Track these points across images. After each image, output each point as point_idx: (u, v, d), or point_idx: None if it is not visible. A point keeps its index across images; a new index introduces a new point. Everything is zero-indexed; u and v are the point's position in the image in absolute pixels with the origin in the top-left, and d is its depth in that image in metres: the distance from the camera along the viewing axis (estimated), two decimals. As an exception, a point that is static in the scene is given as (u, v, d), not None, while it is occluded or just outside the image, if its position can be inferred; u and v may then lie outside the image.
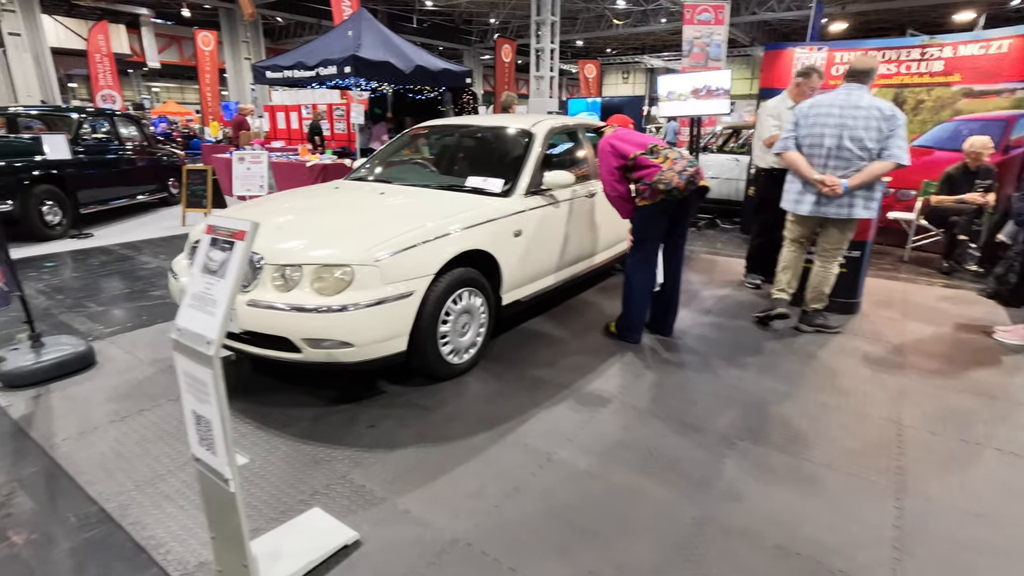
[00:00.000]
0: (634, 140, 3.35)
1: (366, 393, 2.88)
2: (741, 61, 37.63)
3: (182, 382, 1.50)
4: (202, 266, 1.47)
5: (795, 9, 23.13)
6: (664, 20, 27.44)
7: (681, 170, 3.16)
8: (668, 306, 3.61)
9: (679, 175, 3.13)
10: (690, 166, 3.20)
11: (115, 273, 5.08)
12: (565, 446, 2.41)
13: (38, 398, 2.81)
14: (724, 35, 12.52)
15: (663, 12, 26.60)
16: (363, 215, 2.92)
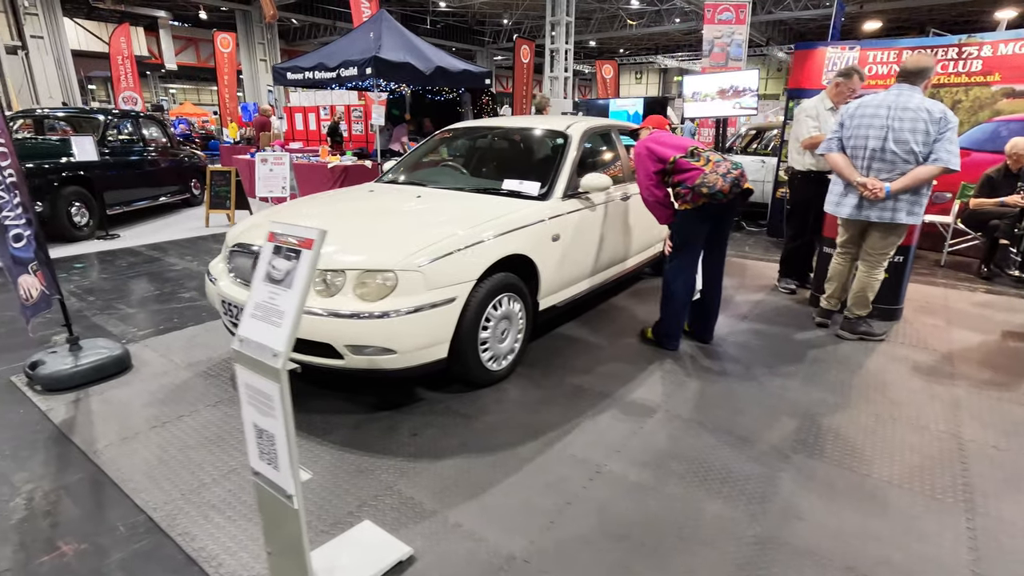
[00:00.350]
0: (672, 143, 3.27)
1: (405, 400, 2.83)
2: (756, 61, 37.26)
3: (243, 394, 1.46)
4: (265, 275, 1.42)
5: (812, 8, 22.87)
6: (678, 20, 27.27)
7: (725, 172, 3.06)
8: (708, 312, 3.53)
9: (723, 178, 3.04)
10: (734, 168, 3.10)
11: (143, 275, 5.09)
12: (613, 457, 2.35)
13: (77, 402, 2.80)
14: (745, 35, 12.37)
15: (677, 12, 26.45)
16: (402, 219, 2.88)
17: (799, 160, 4.35)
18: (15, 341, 3.55)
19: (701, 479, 2.20)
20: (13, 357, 3.32)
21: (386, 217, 2.92)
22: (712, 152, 3.19)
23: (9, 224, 2.55)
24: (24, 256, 2.62)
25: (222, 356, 3.34)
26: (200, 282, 4.85)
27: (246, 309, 1.45)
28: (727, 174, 3.06)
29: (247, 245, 2.76)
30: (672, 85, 44.14)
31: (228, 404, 2.78)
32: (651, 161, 3.25)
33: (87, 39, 25.77)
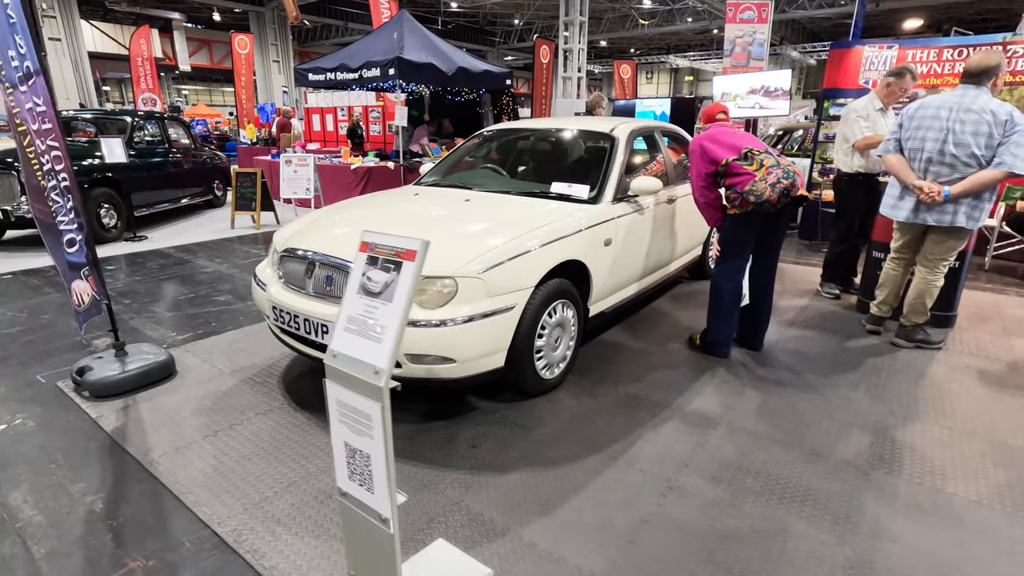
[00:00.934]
0: (727, 141, 3.14)
1: (458, 409, 2.77)
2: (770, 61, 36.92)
3: (334, 411, 1.40)
4: (360, 287, 1.36)
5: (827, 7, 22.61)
6: (690, 19, 27.11)
7: (775, 182, 2.95)
8: (757, 319, 3.43)
9: (772, 188, 2.95)
10: (785, 177, 2.97)
11: (175, 277, 5.06)
12: (683, 472, 2.26)
13: (127, 409, 2.75)
14: (767, 34, 12.21)
15: (689, 11, 26.28)
16: (456, 224, 2.81)
17: (847, 162, 4.25)
18: (56, 346, 3.52)
19: (779, 497, 2.12)
20: (56, 362, 3.28)
21: (438, 221, 2.85)
22: (768, 155, 3.07)
23: (64, 229, 2.51)
24: (77, 261, 2.58)
25: (266, 362, 3.29)
26: (234, 285, 4.81)
27: (338, 322, 1.39)
28: (776, 183, 2.95)
29: (297, 250, 2.70)
30: (683, 85, 43.94)
31: (279, 412, 2.72)
32: (704, 161, 3.16)
33: (103, 41, 26.00)
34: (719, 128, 3.27)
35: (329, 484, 2.18)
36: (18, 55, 2.20)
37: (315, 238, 2.75)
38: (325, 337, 2.50)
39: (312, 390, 2.94)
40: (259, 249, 6.21)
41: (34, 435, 2.54)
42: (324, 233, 2.80)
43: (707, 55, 36.65)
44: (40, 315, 4.07)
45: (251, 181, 7.16)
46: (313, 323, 2.52)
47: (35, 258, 5.68)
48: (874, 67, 6.07)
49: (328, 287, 2.55)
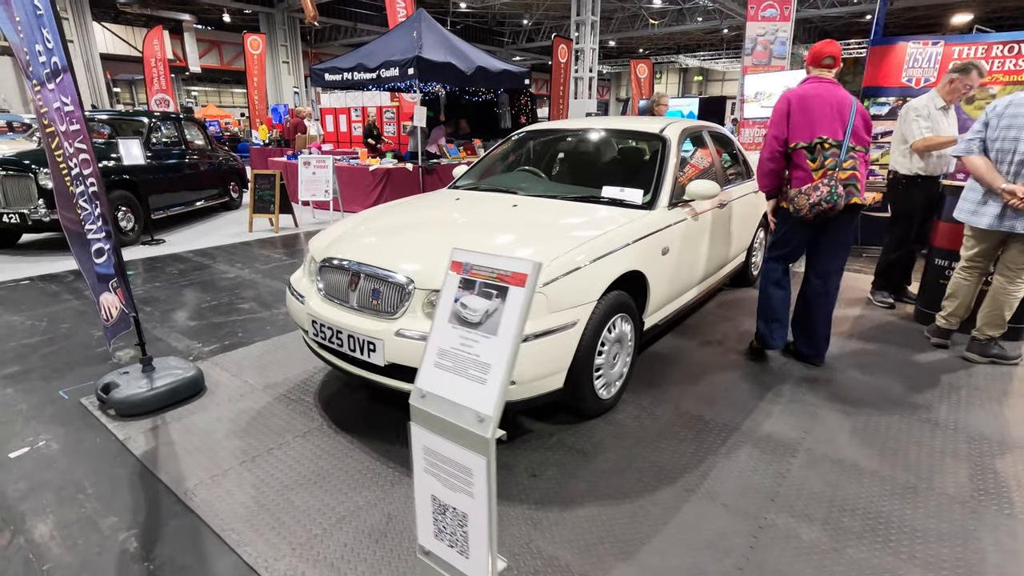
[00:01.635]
0: (812, 116, 2.89)
1: (511, 432, 2.56)
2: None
3: (420, 459, 1.20)
4: (452, 315, 1.16)
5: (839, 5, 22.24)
6: (700, 19, 26.85)
7: (816, 202, 2.85)
8: (812, 331, 3.20)
9: (810, 207, 2.87)
10: (827, 200, 2.83)
11: (196, 283, 4.89)
12: (770, 508, 2.05)
13: (156, 430, 2.57)
14: (789, 32, 11.95)
15: (700, 11, 26.01)
16: (509, 232, 2.60)
17: (904, 163, 4.02)
18: (77, 358, 3.35)
19: (883, 539, 1.90)
20: (78, 376, 3.11)
21: (489, 230, 2.65)
22: (833, 157, 2.86)
23: (92, 238, 2.33)
24: (105, 272, 2.40)
25: (300, 377, 3.10)
26: (257, 292, 4.63)
27: (426, 356, 1.19)
28: (816, 204, 2.86)
29: (339, 260, 2.51)
30: (692, 84, 43.57)
31: (318, 435, 2.53)
32: (783, 126, 2.98)
33: (114, 42, 26.03)
34: (817, 88, 2.95)
35: (382, 520, 1.99)
36: (45, 50, 2.03)
37: (358, 247, 2.55)
38: (372, 355, 2.31)
39: (352, 410, 2.75)
40: (280, 253, 6.04)
41: (59, 459, 2.36)
42: (367, 241, 2.61)
43: (717, 55, 36.31)
44: (59, 324, 3.90)
45: (270, 183, 7.00)
46: (357, 339, 2.33)
47: (52, 262, 5.53)
48: (918, 64, 5.83)
49: (374, 300, 2.35)
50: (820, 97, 2.93)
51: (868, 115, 3.00)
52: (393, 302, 2.31)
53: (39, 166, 5.52)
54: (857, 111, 2.93)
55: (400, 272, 2.30)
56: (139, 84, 29.91)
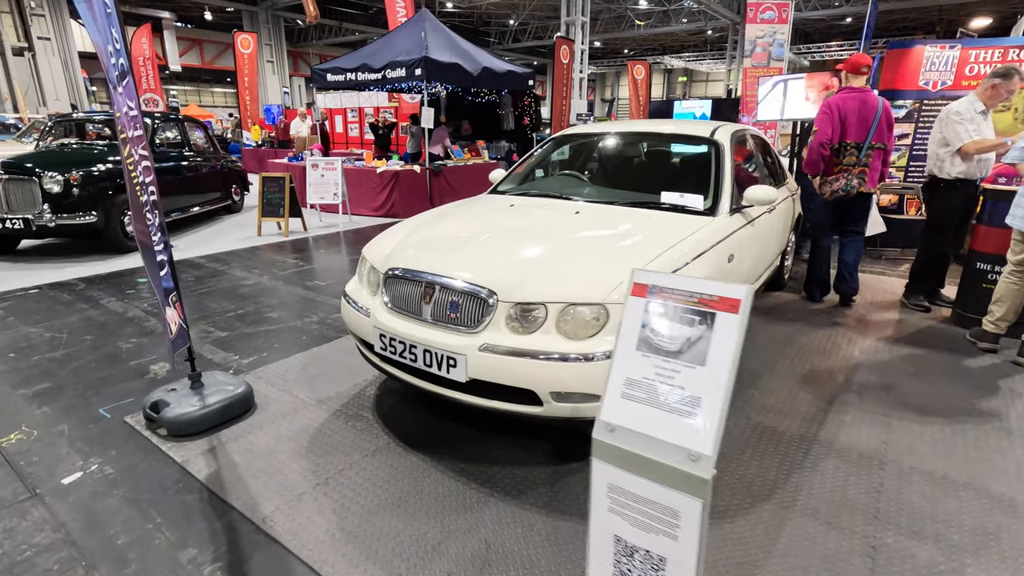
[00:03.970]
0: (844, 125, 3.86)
1: (582, 445, 2.48)
2: (757, 61, 36.99)
3: (601, 496, 1.11)
4: (640, 341, 1.08)
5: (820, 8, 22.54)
6: (685, 20, 27.10)
7: (836, 189, 3.95)
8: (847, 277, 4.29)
9: (831, 193, 3.99)
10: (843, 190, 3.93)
11: (216, 291, 4.72)
12: (875, 525, 2.00)
13: (214, 451, 2.44)
14: (787, 35, 12.05)
15: (685, 12, 26.24)
16: (583, 241, 2.51)
17: (943, 167, 4.02)
18: (109, 373, 3.19)
19: (999, 556, 1.86)
20: (114, 393, 2.96)
21: (562, 239, 2.55)
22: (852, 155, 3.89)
23: (157, 251, 2.19)
24: (167, 286, 2.26)
25: (351, 390, 2.98)
26: (282, 299, 4.48)
27: (610, 386, 1.10)
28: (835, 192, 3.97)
29: (411, 271, 2.40)
30: (677, 85, 43.90)
31: (387, 453, 2.43)
32: (830, 124, 3.89)
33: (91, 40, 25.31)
34: (852, 99, 3.87)
35: (481, 547, 1.90)
36: (115, 51, 1.89)
37: (429, 257, 2.45)
38: (451, 371, 2.21)
39: (416, 425, 2.65)
40: (295, 258, 5.88)
41: (118, 485, 2.22)
42: (438, 251, 2.50)
43: (701, 56, 36.66)
44: (81, 336, 3.72)
45: (279, 186, 6.82)
46: (435, 354, 2.23)
47: (58, 269, 5.31)
48: (935, 68, 5.88)
49: (452, 314, 2.25)
50: (853, 106, 3.86)
51: (892, 115, 3.96)
52: (474, 316, 2.21)
53: (43, 169, 5.30)
54: (883, 113, 3.87)
55: (482, 284, 2.21)
56: (117, 83, 29.03)
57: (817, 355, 3.46)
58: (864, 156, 3.88)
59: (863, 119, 3.85)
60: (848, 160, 3.90)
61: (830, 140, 3.89)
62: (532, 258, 2.35)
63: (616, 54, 40.04)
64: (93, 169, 5.60)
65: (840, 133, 3.88)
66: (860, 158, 3.88)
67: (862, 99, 3.84)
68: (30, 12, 16.94)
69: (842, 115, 3.84)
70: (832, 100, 3.92)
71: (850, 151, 3.88)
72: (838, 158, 3.92)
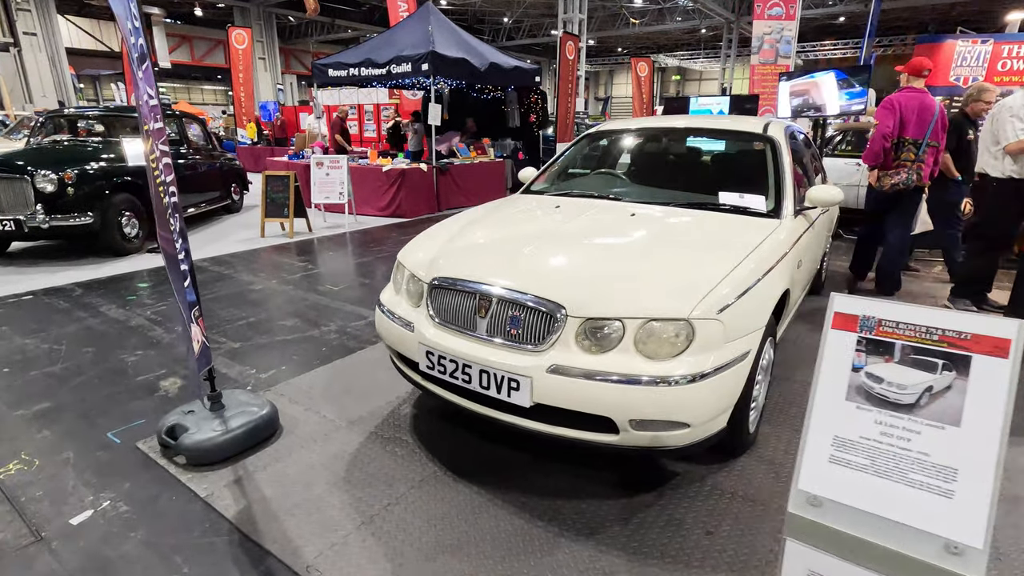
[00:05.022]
0: (904, 122, 3.96)
1: (653, 476, 2.25)
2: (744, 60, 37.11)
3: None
4: (852, 390, 0.84)
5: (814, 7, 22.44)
6: (679, 19, 26.99)
7: (896, 182, 4.02)
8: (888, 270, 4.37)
9: (891, 186, 4.05)
10: (904, 183, 3.99)
11: (223, 297, 4.44)
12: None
13: (240, 483, 2.18)
14: (795, 31, 11.89)
15: (679, 11, 26.12)
16: (647, 246, 2.27)
17: (996, 165, 3.82)
18: (115, 391, 2.91)
19: None
20: (122, 414, 2.68)
21: (621, 244, 2.31)
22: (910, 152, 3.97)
23: (180, 259, 1.92)
24: (191, 299, 2.00)
25: (384, 409, 2.73)
26: (296, 307, 4.21)
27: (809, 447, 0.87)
28: (895, 184, 4.02)
29: (461, 280, 2.14)
30: (671, 84, 43.79)
31: (435, 484, 2.17)
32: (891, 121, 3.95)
33: (79, 36, 24.82)
34: (912, 98, 3.97)
35: (562, 600, 1.65)
36: (134, 28, 1.63)
37: (482, 264, 2.19)
38: (513, 394, 1.96)
39: (462, 451, 2.39)
40: (302, 261, 5.60)
41: (134, 526, 1.96)
42: (491, 258, 2.25)
43: (695, 54, 36.59)
44: (82, 348, 3.44)
45: (283, 185, 6.53)
46: (494, 375, 1.98)
47: (51, 274, 5.00)
48: (966, 63, 5.71)
49: (512, 330, 2.00)
50: (913, 105, 3.97)
51: (947, 117, 4.13)
52: (538, 332, 1.97)
53: (35, 167, 4.98)
54: (939, 114, 4.00)
55: (549, 297, 1.96)
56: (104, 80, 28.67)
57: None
58: (922, 153, 4.00)
59: (922, 118, 3.95)
60: (906, 156, 4.02)
61: (892, 134, 3.99)
62: (599, 267, 2.11)
63: (609, 52, 39.90)
64: (88, 167, 5.29)
65: (899, 129, 4.01)
66: (918, 155, 4.00)
67: (921, 99, 3.97)
68: (15, 7, 16.46)
69: (903, 112, 3.96)
70: (894, 97, 4.05)
71: (908, 147, 4.00)
72: (896, 153, 4.04)
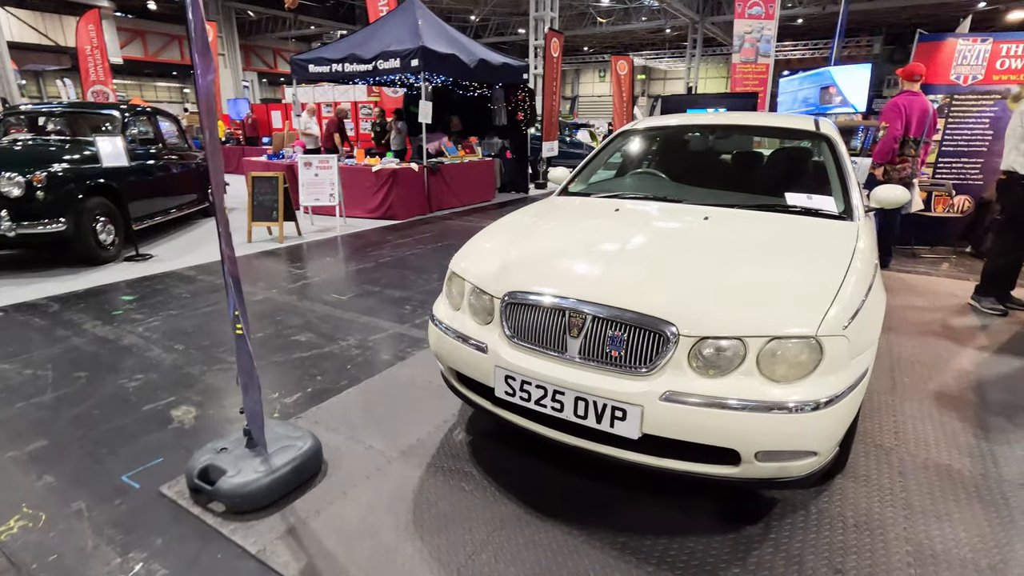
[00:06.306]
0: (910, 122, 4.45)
1: (749, 504, 2.06)
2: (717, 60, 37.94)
3: None
4: None
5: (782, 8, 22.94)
6: (644, 19, 27.28)
7: (902, 176, 4.55)
8: None
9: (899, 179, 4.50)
10: (911, 178, 4.60)
11: (222, 310, 4.07)
12: None
13: (295, 534, 1.89)
14: (774, 31, 12.01)
15: (644, 11, 26.39)
16: (740, 254, 2.07)
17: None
18: (120, 424, 2.57)
19: None
20: (132, 453, 2.35)
21: (712, 252, 2.09)
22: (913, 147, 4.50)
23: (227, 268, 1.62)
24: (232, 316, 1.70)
25: (435, 435, 2.46)
26: (305, 319, 3.88)
27: None
28: (903, 177, 4.52)
29: (545, 295, 1.90)
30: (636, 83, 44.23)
31: (519, 526, 1.93)
32: (899, 122, 4.45)
33: (21, 29, 23.37)
34: (913, 100, 4.49)
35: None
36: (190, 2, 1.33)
37: (567, 276, 1.96)
38: (617, 424, 1.74)
39: (537, 484, 2.16)
40: (299, 268, 5.24)
41: (179, 595, 1.66)
42: (576, 268, 2.01)
43: (660, 54, 37.03)
44: (72, 373, 3.05)
45: (271, 187, 6.13)
46: (593, 404, 1.76)
47: (19, 287, 4.51)
48: (966, 62, 5.75)
49: (614, 351, 1.78)
50: (914, 108, 4.49)
51: (937, 116, 4.94)
52: (645, 354, 1.75)
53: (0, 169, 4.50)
54: (932, 113, 4.62)
55: (657, 314, 1.74)
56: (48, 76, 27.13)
57: (928, 370, 3.15)
58: (919, 149, 4.62)
59: (920, 119, 4.52)
60: (909, 151, 4.58)
61: (900, 134, 4.52)
62: (701, 277, 1.90)
63: (576, 51, 40.03)
64: (59, 169, 4.81)
65: (904, 131, 4.53)
66: (917, 151, 4.61)
67: (919, 101, 4.53)
68: (-48, -1, 15.35)
69: (907, 114, 4.47)
70: (899, 100, 4.55)
71: (911, 144, 4.55)
72: (901, 150, 4.57)
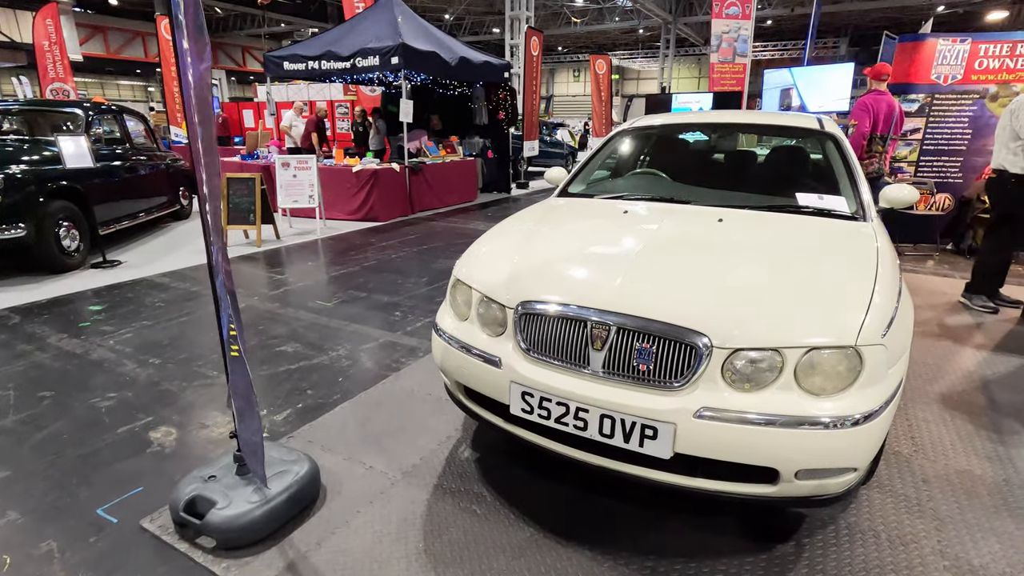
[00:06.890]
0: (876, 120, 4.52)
1: (775, 520, 1.97)
2: (690, 60, 38.41)
3: None
4: None
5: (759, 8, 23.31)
6: (618, 19, 27.46)
7: (871, 171, 4.49)
8: None
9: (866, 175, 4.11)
10: (877, 172, 4.58)
11: (199, 320, 3.85)
12: None
13: (295, 570, 1.72)
14: (751, 31, 12.10)
15: (618, 11, 26.56)
16: (764, 259, 1.96)
17: (1015, 161, 3.82)
18: (92, 450, 2.36)
19: None
20: (105, 481, 2.15)
21: (736, 257, 1.98)
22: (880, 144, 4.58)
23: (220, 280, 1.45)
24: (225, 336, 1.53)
25: (438, 453, 2.32)
26: (290, 328, 3.68)
27: None
28: (870, 173, 4.41)
29: (579, 307, 1.77)
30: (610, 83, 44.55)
31: (539, 551, 1.80)
32: (868, 120, 4.51)
33: (-29, 25, 22.31)
34: (880, 99, 4.57)
35: None
36: None
37: (585, 284, 1.84)
38: (647, 443, 1.63)
39: (553, 503, 2.03)
40: (279, 274, 5.02)
41: (169, 648, 1.48)
42: (594, 275, 1.88)
43: (633, 54, 37.32)
44: (36, 392, 2.81)
45: (248, 189, 5.87)
46: (621, 422, 1.64)
47: (-24, 298, 4.20)
48: (946, 61, 5.82)
49: (642, 365, 1.66)
50: (880, 107, 4.56)
51: (903, 114, 4.87)
52: (675, 367, 1.63)
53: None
54: (899, 111, 4.68)
55: (685, 324, 1.63)
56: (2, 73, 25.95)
57: (931, 370, 3.12)
58: (886, 145, 4.75)
59: (887, 116, 4.61)
60: (876, 148, 4.67)
61: (869, 131, 4.61)
62: (729, 285, 1.79)
63: (550, 51, 40.09)
64: (17, 170, 4.50)
65: (872, 128, 4.61)
66: (884, 147, 4.73)
67: (886, 100, 4.62)
68: None
69: (874, 112, 4.55)
70: (867, 100, 4.65)
71: (878, 141, 4.64)
72: (869, 147, 4.65)
